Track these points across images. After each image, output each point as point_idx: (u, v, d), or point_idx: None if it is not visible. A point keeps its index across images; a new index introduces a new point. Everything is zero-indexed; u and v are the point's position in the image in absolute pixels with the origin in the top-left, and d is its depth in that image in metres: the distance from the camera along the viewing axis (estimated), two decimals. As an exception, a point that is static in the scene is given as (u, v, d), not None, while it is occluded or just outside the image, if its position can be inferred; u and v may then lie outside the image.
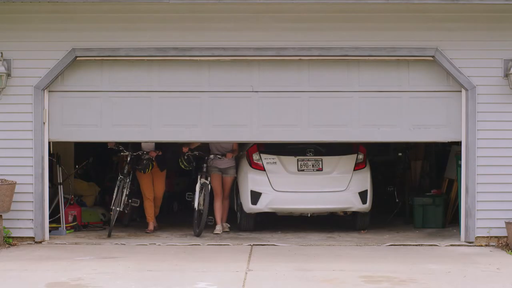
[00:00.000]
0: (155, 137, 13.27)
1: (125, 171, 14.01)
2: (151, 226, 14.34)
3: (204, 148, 14.46)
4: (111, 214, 13.79)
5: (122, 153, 14.25)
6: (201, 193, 13.91)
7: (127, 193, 14.04)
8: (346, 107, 13.12)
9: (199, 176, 14.10)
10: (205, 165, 14.12)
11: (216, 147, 14.34)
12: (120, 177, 13.96)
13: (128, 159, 14.06)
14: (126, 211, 14.26)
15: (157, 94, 13.13)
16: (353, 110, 13.12)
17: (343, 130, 13.14)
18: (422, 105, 13.10)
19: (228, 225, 14.57)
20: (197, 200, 13.87)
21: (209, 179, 14.06)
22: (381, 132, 13.16)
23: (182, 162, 14.43)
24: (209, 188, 13.95)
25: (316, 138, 13.24)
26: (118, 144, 14.00)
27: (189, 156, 14.36)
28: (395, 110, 13.13)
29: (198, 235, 13.61)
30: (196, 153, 14.29)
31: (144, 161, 14.09)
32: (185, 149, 14.26)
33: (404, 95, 13.13)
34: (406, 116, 13.13)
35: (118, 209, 13.78)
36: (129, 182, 14.05)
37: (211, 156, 14.16)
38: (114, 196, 13.83)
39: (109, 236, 13.47)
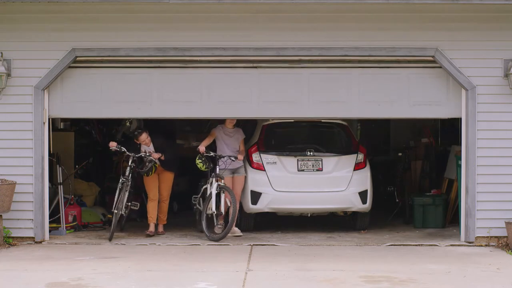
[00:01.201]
0: (155, 114, 13.24)
1: (127, 173, 13.65)
2: (152, 228, 13.95)
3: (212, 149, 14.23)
4: (110, 217, 13.69)
5: (122, 153, 13.92)
6: (217, 196, 13.41)
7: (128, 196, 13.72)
8: (346, 83, 13.13)
9: (213, 179, 13.54)
10: (217, 166, 13.60)
11: (223, 147, 13.91)
12: (122, 180, 13.58)
13: (130, 161, 13.70)
14: (125, 214, 13.83)
15: (157, 71, 13.12)
16: (353, 87, 13.13)
17: (344, 106, 13.15)
18: (422, 81, 13.07)
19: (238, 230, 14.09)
20: (214, 204, 13.38)
21: (223, 181, 13.59)
22: (381, 108, 13.16)
23: (203, 163, 13.75)
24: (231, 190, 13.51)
25: (316, 114, 13.26)
26: (120, 146, 13.72)
27: (205, 157, 13.73)
28: (395, 87, 13.11)
29: (219, 239, 13.14)
30: (212, 154, 13.72)
31: (147, 164, 13.69)
32: (201, 149, 13.71)
33: (403, 71, 13.13)
34: (406, 93, 13.12)
35: (120, 212, 13.48)
36: (130, 185, 13.74)
37: (225, 157, 13.68)
38: (115, 199, 13.49)
39: (110, 239, 13.17)
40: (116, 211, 13.36)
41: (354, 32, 12.94)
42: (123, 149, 13.69)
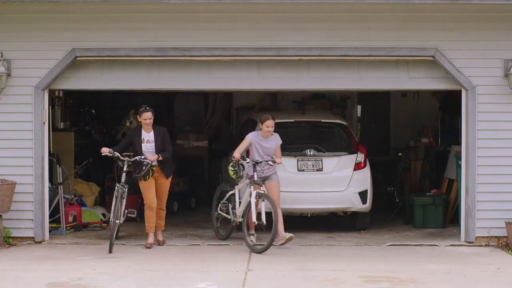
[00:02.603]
0: (157, 86, 13.20)
1: (123, 180, 12.55)
2: (151, 239, 12.84)
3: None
4: (105, 226, 13.10)
5: (113, 158, 12.85)
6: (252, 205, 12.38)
7: (126, 203, 12.69)
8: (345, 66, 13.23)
9: (251, 187, 12.46)
10: (255, 173, 12.49)
11: (256, 155, 12.75)
12: (118, 186, 12.47)
13: (125, 166, 12.64)
14: (121, 222, 12.69)
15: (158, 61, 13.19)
16: (353, 69, 13.23)
17: (343, 80, 13.15)
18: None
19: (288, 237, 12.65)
20: (255, 213, 12.30)
21: (262, 188, 12.50)
22: (380, 81, 13.15)
23: (236, 171, 12.71)
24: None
25: (316, 86, 13.28)
26: (113, 151, 12.57)
27: (240, 164, 12.70)
28: (394, 63, 13.18)
29: (262, 251, 12.12)
30: (248, 160, 12.59)
31: (143, 168, 12.56)
32: (237, 157, 12.56)
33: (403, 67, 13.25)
34: (404, 67, 13.16)
35: (118, 221, 12.46)
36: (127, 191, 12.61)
37: (262, 162, 12.59)
38: (112, 208, 12.37)
39: (110, 251, 12.17)
40: (117, 221, 12.38)
41: (354, 32, 12.95)
42: (116, 154, 12.59)
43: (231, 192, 13.24)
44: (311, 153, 14.02)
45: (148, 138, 12.79)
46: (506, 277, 10.56)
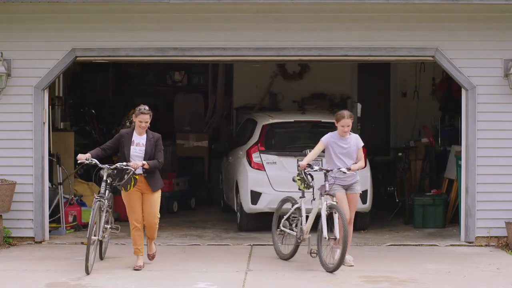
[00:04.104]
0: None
1: (103, 190, 10.99)
2: (140, 261, 11.21)
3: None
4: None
5: (91, 165, 11.52)
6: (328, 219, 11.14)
7: (107, 218, 11.29)
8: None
9: (321, 198, 11.23)
10: (327, 182, 11.24)
11: (335, 160, 11.46)
12: (96, 198, 10.89)
13: (105, 175, 11.04)
14: (103, 239, 11.44)
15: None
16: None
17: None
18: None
19: (352, 258, 11.50)
20: (326, 228, 11.03)
21: (334, 199, 11.23)
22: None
23: (303, 183, 11.45)
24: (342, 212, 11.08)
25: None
26: (91, 158, 11.04)
27: (308, 174, 11.47)
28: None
29: (333, 270, 10.84)
30: (317, 168, 11.35)
31: (125, 175, 10.97)
32: (303, 165, 11.34)
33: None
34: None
35: (96, 238, 11.00)
36: (109, 204, 11.22)
37: (334, 170, 11.29)
38: (90, 222, 10.80)
39: (88, 272, 10.65)
40: (94, 237, 10.87)
41: (354, 32, 12.95)
42: (94, 161, 11.07)
43: (296, 206, 11.86)
44: (311, 153, 13.99)
45: (138, 141, 11.25)
46: (506, 277, 10.56)
